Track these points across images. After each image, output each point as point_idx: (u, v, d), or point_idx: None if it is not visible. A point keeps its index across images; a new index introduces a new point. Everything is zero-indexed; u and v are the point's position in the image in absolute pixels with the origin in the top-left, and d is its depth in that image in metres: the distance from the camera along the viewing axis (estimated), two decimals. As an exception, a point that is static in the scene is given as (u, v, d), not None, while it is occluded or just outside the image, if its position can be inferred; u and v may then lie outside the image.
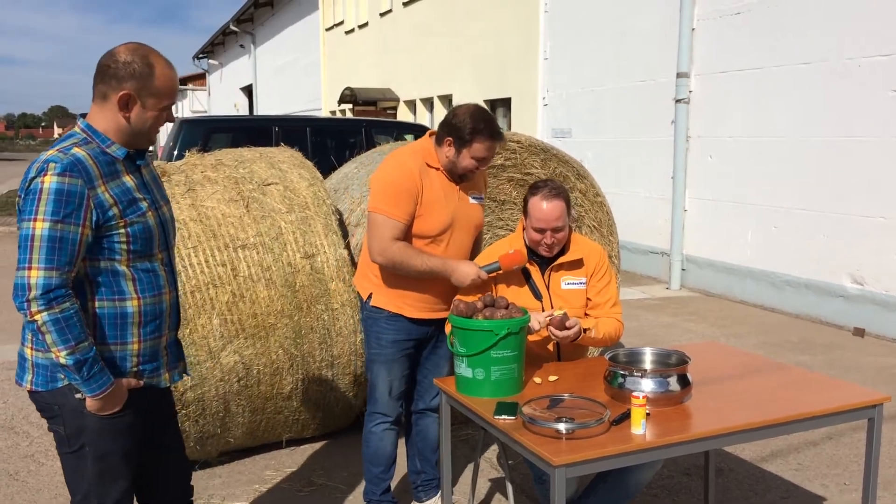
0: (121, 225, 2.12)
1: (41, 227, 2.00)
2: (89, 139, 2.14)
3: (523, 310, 2.79)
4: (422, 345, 3.22)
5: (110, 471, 2.21)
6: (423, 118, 16.04)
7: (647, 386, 2.52)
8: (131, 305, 2.18)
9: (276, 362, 3.73)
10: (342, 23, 20.37)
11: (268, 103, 27.32)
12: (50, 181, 2.00)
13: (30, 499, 3.63)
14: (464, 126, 2.94)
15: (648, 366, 2.72)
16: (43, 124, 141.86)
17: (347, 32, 20.03)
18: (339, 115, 19.19)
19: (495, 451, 4.05)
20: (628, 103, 9.59)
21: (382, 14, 17.68)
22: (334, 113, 20.22)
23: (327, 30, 21.66)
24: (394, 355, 3.13)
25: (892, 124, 6.33)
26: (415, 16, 16.02)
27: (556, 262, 3.09)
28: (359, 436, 3.34)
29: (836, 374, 5.40)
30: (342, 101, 17.98)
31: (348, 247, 4.00)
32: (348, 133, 9.43)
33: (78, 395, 2.12)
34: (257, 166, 4.13)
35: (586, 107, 10.48)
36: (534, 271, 3.09)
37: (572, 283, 3.09)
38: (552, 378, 2.82)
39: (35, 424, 4.50)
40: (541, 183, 3.05)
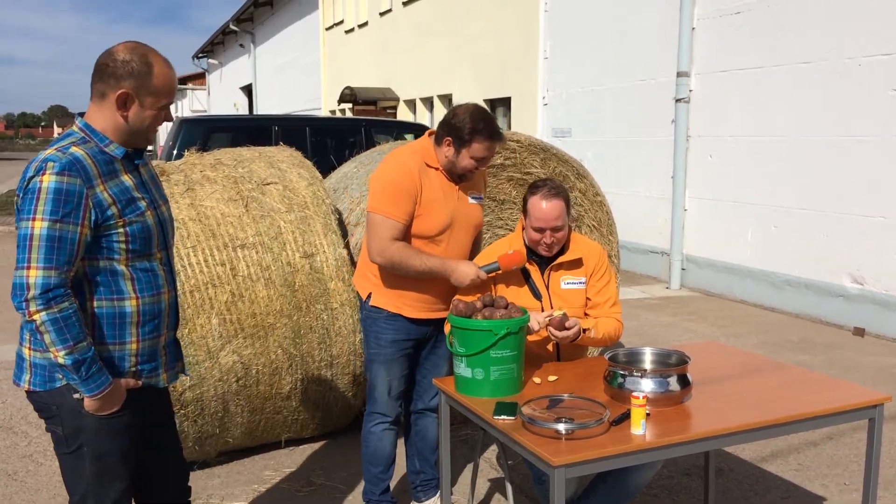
0: (119, 224, 2.11)
1: (40, 226, 1.99)
2: (87, 138, 2.14)
3: (523, 310, 2.78)
4: (421, 345, 3.21)
5: (108, 471, 2.20)
6: (423, 118, 16.03)
7: (647, 386, 2.51)
8: (130, 305, 2.17)
9: (275, 362, 3.72)
10: (342, 22, 20.37)
11: (268, 103, 27.31)
12: (48, 180, 2.00)
13: (28, 499, 3.62)
14: (463, 126, 2.93)
15: (648, 366, 2.71)
16: (43, 124, 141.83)
17: (347, 32, 20.03)
18: (338, 114, 19.18)
19: (495, 451, 4.04)
20: (628, 103, 9.58)
21: (382, 13, 17.68)
22: (334, 112, 20.21)
23: (327, 29, 21.66)
24: (393, 355, 3.12)
25: (892, 124, 6.33)
26: (415, 15, 16.01)
27: (555, 262, 3.08)
28: (358, 436, 3.33)
29: (836, 373, 5.39)
30: (342, 100, 17.97)
31: (347, 246, 4.00)
32: (348, 132, 9.43)
33: (76, 395, 2.11)
34: (256, 166, 4.12)
35: (586, 106, 10.47)
36: (533, 271, 3.08)
37: (572, 283, 3.09)
38: (551, 378, 2.81)
39: (34, 424, 4.49)
40: (540, 182, 3.04)
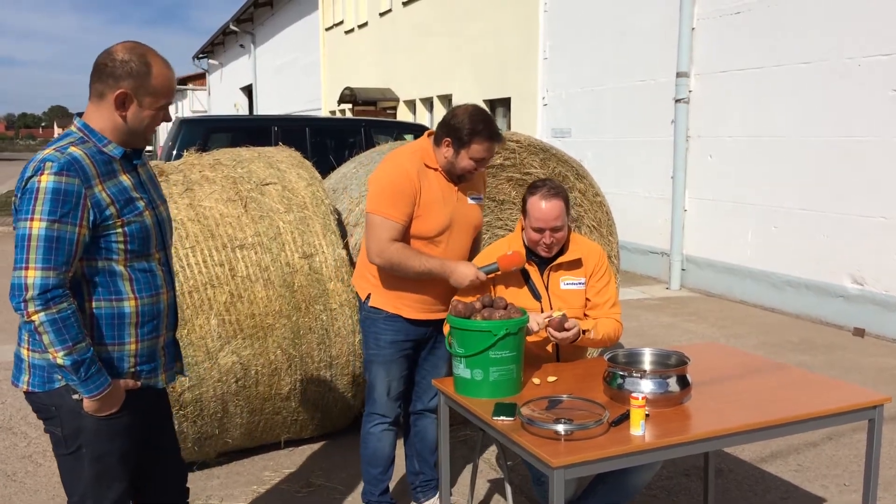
0: (118, 224, 2.11)
1: (38, 226, 1.98)
2: (86, 138, 2.13)
3: (522, 310, 2.78)
4: (420, 345, 3.21)
5: (107, 472, 2.20)
6: (423, 118, 16.03)
7: (647, 387, 2.50)
8: (128, 305, 2.17)
9: (275, 363, 3.72)
10: (342, 23, 20.36)
11: (268, 103, 27.31)
12: (47, 180, 1.99)
13: (27, 499, 3.62)
14: (462, 127, 2.93)
15: (648, 366, 2.71)
16: (43, 124, 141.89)
17: (347, 32, 20.03)
18: (338, 114, 19.18)
19: (494, 451, 4.04)
20: (628, 103, 9.58)
21: (382, 14, 17.68)
22: (334, 113, 20.21)
23: (327, 30, 21.66)
24: (392, 356, 3.12)
25: (892, 124, 6.32)
26: (414, 15, 16.01)
27: (554, 263, 3.07)
28: (357, 436, 3.33)
29: (836, 374, 5.39)
30: (342, 100, 17.97)
31: (347, 247, 3.99)
32: (347, 133, 9.43)
33: (75, 396, 2.11)
34: (255, 166, 4.12)
35: (586, 107, 10.47)
36: (533, 271, 3.07)
37: (571, 284, 3.08)
38: (551, 379, 2.80)
39: (33, 425, 4.48)
40: (539, 182, 3.03)
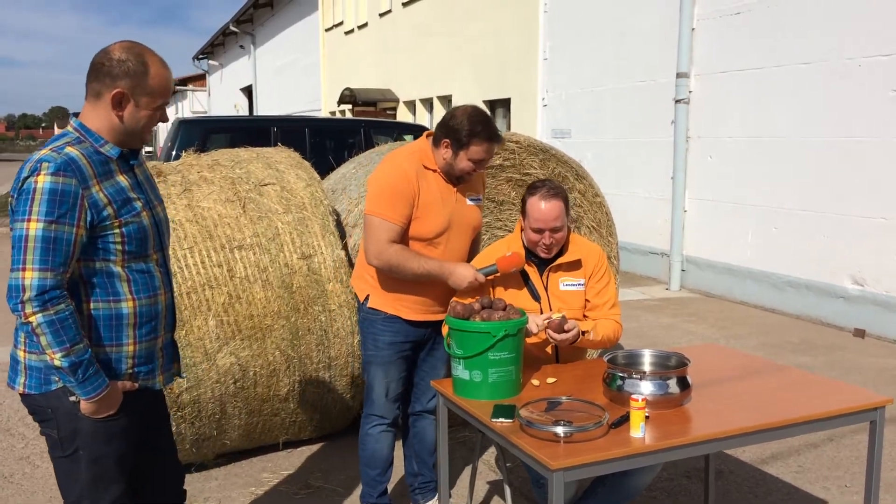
0: (115, 225, 2.10)
1: (35, 227, 1.97)
2: (82, 138, 2.12)
3: (521, 311, 2.76)
4: (419, 347, 3.19)
5: (104, 475, 2.18)
6: (423, 119, 16.02)
7: (647, 388, 2.49)
8: (126, 307, 2.16)
9: (273, 364, 3.71)
10: (342, 23, 20.35)
11: (268, 104, 27.30)
12: (43, 181, 1.98)
13: (24, 501, 3.61)
14: (461, 128, 2.91)
15: (647, 368, 2.70)
16: (43, 125, 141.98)
17: (347, 33, 20.02)
18: (338, 115, 19.17)
19: (493, 453, 4.02)
20: (628, 103, 9.57)
21: (382, 14, 17.67)
22: (334, 113, 20.20)
23: (327, 30, 21.65)
24: (391, 357, 3.11)
25: (892, 124, 6.32)
26: (414, 16, 16.00)
27: (554, 263, 3.06)
28: (356, 438, 3.31)
29: (836, 375, 5.38)
30: (342, 101, 17.96)
31: (346, 247, 3.98)
32: (347, 133, 9.42)
33: (72, 398, 2.10)
34: (254, 166, 4.11)
35: (586, 107, 10.46)
36: (532, 272, 3.06)
37: (571, 285, 3.07)
38: (550, 380, 2.79)
39: (30, 427, 4.47)
40: (539, 183, 3.02)
